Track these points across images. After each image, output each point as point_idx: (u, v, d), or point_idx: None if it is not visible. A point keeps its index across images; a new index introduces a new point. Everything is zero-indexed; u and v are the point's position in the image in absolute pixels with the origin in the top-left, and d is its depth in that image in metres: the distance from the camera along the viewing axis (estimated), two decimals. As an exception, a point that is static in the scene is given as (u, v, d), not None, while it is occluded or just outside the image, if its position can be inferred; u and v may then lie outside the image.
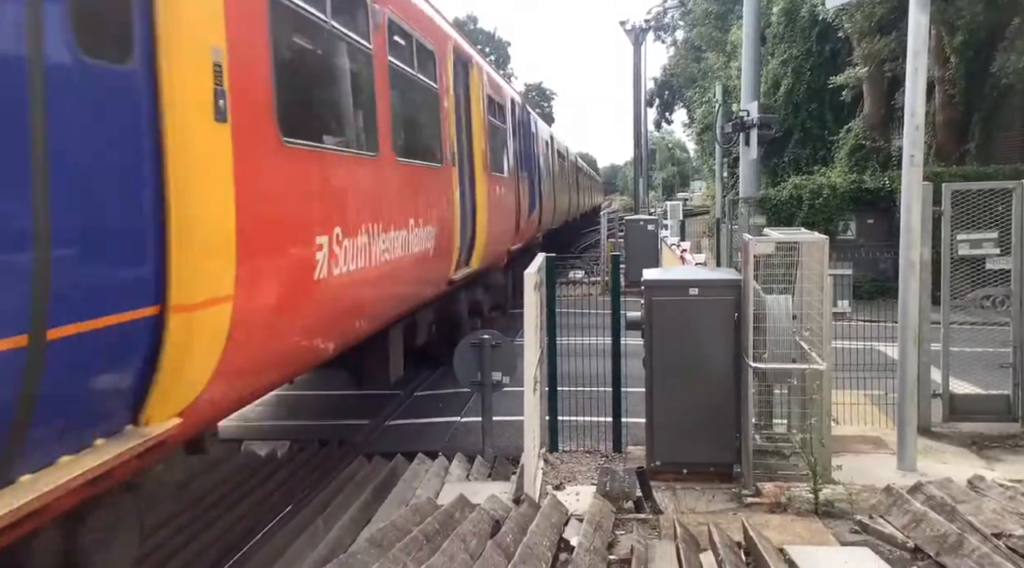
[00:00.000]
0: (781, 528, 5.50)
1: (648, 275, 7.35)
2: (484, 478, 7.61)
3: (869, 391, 8.96)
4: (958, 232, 8.30)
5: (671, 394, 6.88)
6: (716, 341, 6.83)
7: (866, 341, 9.77)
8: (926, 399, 7.90)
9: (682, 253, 20.17)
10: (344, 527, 6.35)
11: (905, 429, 6.93)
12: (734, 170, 24.32)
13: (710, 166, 33.55)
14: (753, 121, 16.04)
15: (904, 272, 7.05)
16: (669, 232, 29.37)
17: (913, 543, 4.96)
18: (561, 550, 5.07)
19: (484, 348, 7.86)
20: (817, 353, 6.51)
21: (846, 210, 18.92)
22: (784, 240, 7.19)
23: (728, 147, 20.98)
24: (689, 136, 50.55)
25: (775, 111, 22.78)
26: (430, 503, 5.90)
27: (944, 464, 7.03)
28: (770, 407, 7.45)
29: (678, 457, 6.88)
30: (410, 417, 10.06)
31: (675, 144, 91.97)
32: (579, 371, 8.42)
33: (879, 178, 19.58)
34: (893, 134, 22.27)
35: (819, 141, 25.75)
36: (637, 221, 22.65)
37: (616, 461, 7.51)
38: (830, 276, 6.68)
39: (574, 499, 6.23)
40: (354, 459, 8.48)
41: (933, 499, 5.53)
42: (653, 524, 5.69)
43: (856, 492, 5.92)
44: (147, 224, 3.79)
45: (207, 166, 4.14)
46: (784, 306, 6.73)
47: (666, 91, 56.23)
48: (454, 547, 4.59)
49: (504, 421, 8.53)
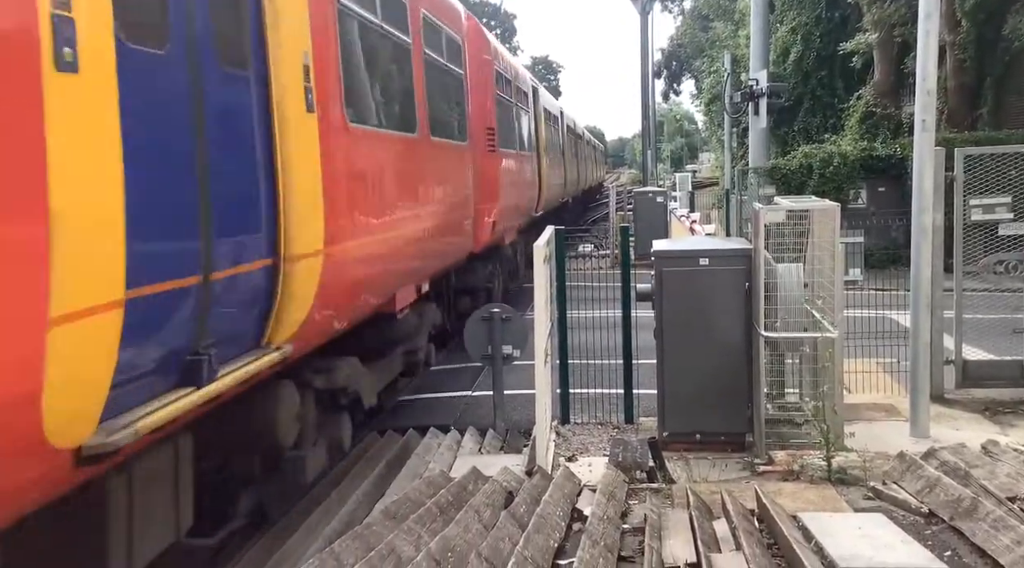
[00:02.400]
0: (794, 496, 5.50)
1: (658, 246, 7.31)
2: (496, 451, 7.64)
3: (881, 359, 8.94)
4: (971, 197, 8.22)
5: (682, 364, 6.88)
6: (727, 311, 6.81)
7: (878, 310, 9.71)
8: (939, 366, 7.87)
9: (691, 224, 20.09)
10: (358, 500, 6.40)
11: (918, 396, 6.92)
12: (743, 140, 24.13)
13: (719, 137, 33.31)
14: (762, 90, 15.88)
15: (916, 238, 6.99)
16: (678, 204, 29.24)
17: (927, 508, 4.96)
18: (575, 520, 5.10)
19: (494, 322, 7.85)
20: (829, 321, 6.48)
21: (857, 178, 18.77)
22: (795, 208, 7.14)
23: (737, 117, 20.83)
24: (697, 107, 50.12)
25: (784, 79, 22.53)
26: (443, 476, 5.93)
27: (957, 430, 7.01)
28: (781, 377, 7.44)
29: (690, 427, 6.88)
30: (422, 392, 10.09)
31: (683, 116, 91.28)
32: (589, 344, 8.41)
33: (890, 145, 19.39)
34: (904, 101, 22.04)
35: (829, 109, 25.50)
36: (646, 193, 22.55)
37: (628, 432, 7.52)
38: (842, 244, 6.64)
39: (586, 470, 6.25)
40: (367, 434, 8.52)
41: (947, 464, 5.52)
42: (666, 493, 5.71)
43: (869, 459, 5.92)
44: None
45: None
46: (795, 275, 6.69)
47: (673, 62, 55.75)
48: (468, 518, 4.62)
49: (515, 394, 8.55)
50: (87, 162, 3.15)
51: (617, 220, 23.25)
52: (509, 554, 4.15)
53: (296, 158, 4.94)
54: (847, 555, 4.31)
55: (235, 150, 4.53)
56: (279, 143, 4.83)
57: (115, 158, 3.30)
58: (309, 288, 5.09)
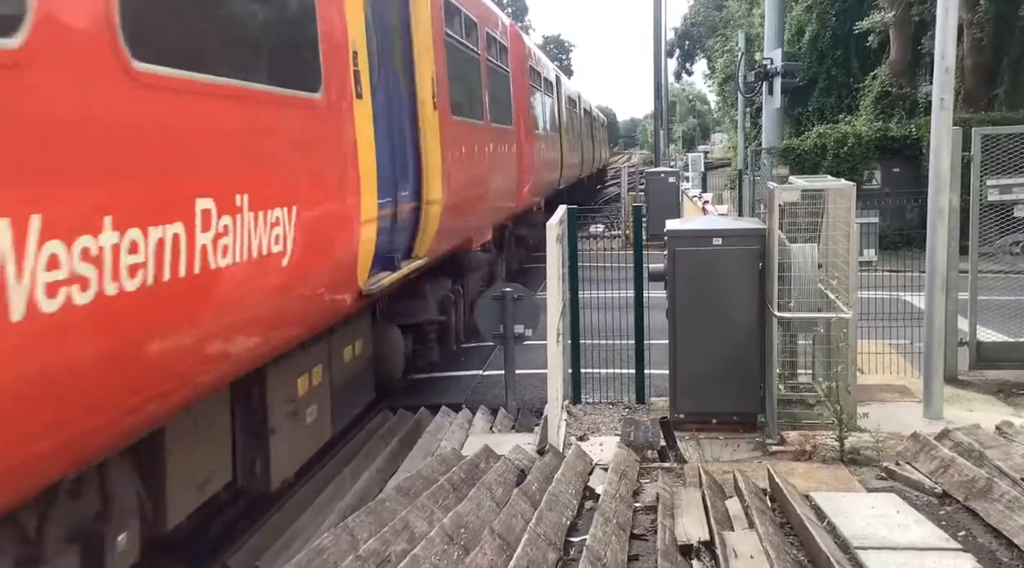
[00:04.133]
0: (806, 475, 5.50)
1: (671, 225, 7.28)
2: (508, 430, 7.65)
3: (894, 341, 8.90)
4: (987, 178, 8.14)
5: (694, 344, 6.86)
6: (740, 291, 6.78)
7: (891, 291, 9.67)
8: (953, 347, 7.83)
9: (704, 205, 20.00)
10: (371, 477, 6.43)
11: (932, 376, 6.88)
12: (756, 120, 23.96)
13: (732, 117, 33.08)
14: (776, 69, 15.73)
15: (932, 218, 6.93)
16: (690, 184, 29.08)
17: (941, 488, 4.94)
18: (586, 498, 5.11)
19: (506, 301, 7.84)
20: (843, 301, 6.45)
21: (871, 159, 18.62)
22: (810, 187, 7.09)
23: (751, 97, 20.64)
24: (710, 87, 49.71)
25: (799, 59, 22.30)
26: (455, 454, 5.94)
27: (971, 411, 6.98)
28: (794, 357, 7.42)
29: (702, 407, 6.87)
30: (433, 371, 10.12)
31: (695, 96, 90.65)
32: (601, 324, 8.40)
33: (905, 126, 19.20)
34: (920, 80, 21.81)
35: (844, 89, 25.25)
36: (658, 174, 22.40)
37: (639, 412, 7.52)
38: (856, 224, 6.59)
39: (598, 449, 6.26)
40: (379, 412, 8.55)
41: (961, 445, 5.49)
42: (678, 473, 5.71)
43: (882, 440, 5.89)
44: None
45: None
46: (809, 255, 6.65)
47: (687, 41, 55.32)
48: (480, 495, 4.64)
49: (527, 374, 8.55)
50: (363, 145, 5.57)
51: (629, 200, 23.14)
52: (522, 531, 4.16)
53: (428, 140, 7.54)
54: (860, 534, 4.31)
55: (406, 137, 7.18)
56: (421, 131, 7.48)
57: (371, 144, 5.75)
58: (434, 223, 7.61)
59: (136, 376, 3.23)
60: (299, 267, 4.50)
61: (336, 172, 5.18)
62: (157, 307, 3.26)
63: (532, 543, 3.99)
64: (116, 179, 3.08)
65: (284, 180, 4.43)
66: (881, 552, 4.11)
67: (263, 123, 4.30)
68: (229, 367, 4.07)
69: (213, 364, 3.89)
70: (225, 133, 3.89)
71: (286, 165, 4.49)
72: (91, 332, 2.92)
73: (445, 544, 3.89)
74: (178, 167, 3.48)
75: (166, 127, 3.40)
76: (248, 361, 4.26)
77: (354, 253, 5.45)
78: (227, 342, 3.96)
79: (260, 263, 4.05)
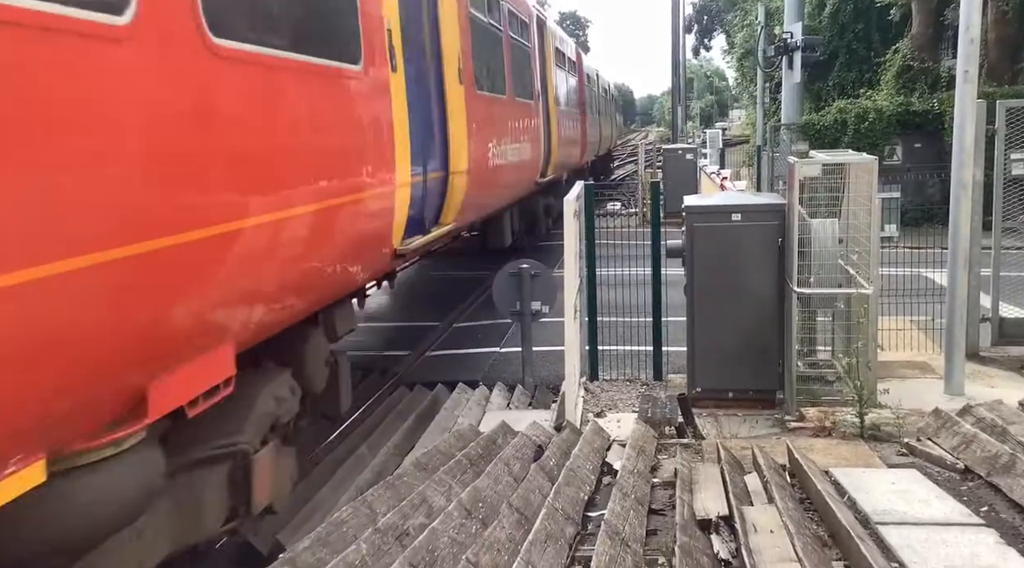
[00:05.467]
0: (826, 451, 5.46)
1: (689, 201, 7.22)
2: (525, 407, 7.66)
3: (915, 317, 8.81)
4: (1012, 151, 8.01)
5: (712, 321, 6.82)
6: (759, 267, 6.72)
7: (912, 267, 9.56)
8: (974, 323, 7.74)
9: (722, 181, 19.84)
10: (388, 453, 6.46)
11: (953, 352, 6.81)
12: (776, 96, 23.65)
13: (750, 93, 32.66)
14: (796, 43, 15.54)
15: (955, 192, 6.83)
16: (708, 161, 28.86)
17: (963, 464, 4.90)
18: (604, 474, 5.10)
19: (523, 277, 7.82)
20: (864, 277, 6.38)
21: (892, 134, 18.37)
22: (831, 162, 7.00)
23: (770, 72, 20.39)
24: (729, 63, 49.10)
25: (819, 33, 21.97)
26: (472, 430, 5.95)
27: (992, 388, 6.91)
28: (813, 333, 7.35)
29: (720, 384, 6.84)
30: (450, 348, 10.14)
31: (713, 72, 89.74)
32: (618, 301, 8.37)
33: (927, 100, 18.90)
34: (943, 54, 21.43)
35: (865, 63, 24.82)
36: (675, 150, 22.23)
37: (657, 389, 7.50)
38: (878, 198, 6.50)
39: (615, 425, 6.25)
40: (396, 388, 8.58)
41: (983, 421, 5.44)
42: (696, 449, 5.69)
43: (903, 416, 5.84)
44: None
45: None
46: (830, 230, 6.58)
47: (704, 16, 54.69)
48: (498, 470, 4.64)
49: (543, 351, 8.55)
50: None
51: (646, 177, 22.99)
52: (540, 505, 4.16)
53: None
54: (880, 510, 4.28)
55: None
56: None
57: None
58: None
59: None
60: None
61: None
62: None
63: (550, 517, 3.99)
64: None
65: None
66: (902, 527, 4.08)
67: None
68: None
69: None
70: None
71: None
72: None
73: (463, 518, 3.90)
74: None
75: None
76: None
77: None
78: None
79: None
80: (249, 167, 3.85)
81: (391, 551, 3.56)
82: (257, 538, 5.16)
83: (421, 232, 7.06)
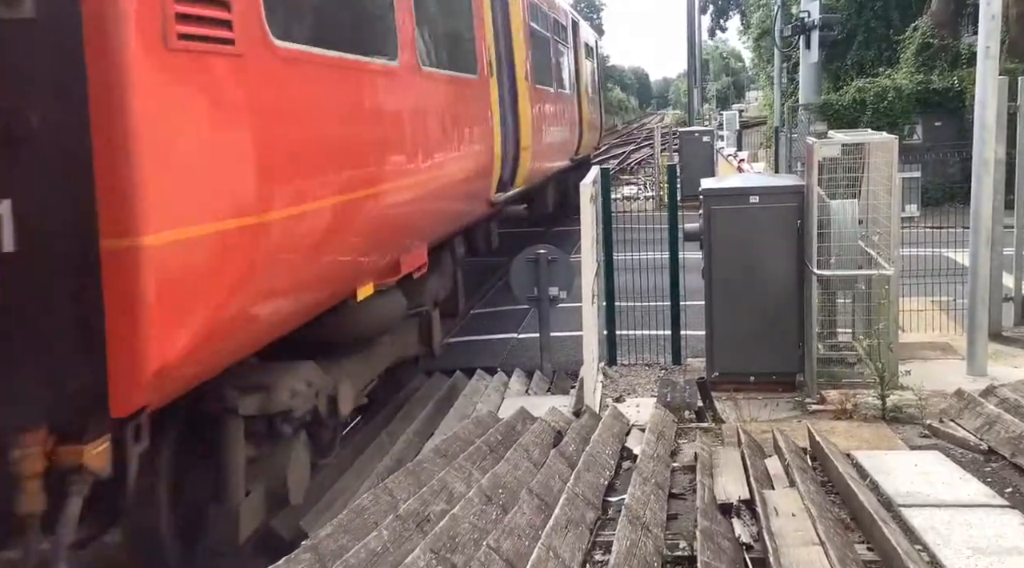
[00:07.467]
0: (847, 434, 5.43)
1: (707, 184, 7.17)
2: (543, 392, 7.66)
3: (936, 298, 8.73)
4: (1034, 128, 7.89)
5: (731, 304, 6.78)
6: (778, 249, 6.67)
7: (933, 247, 9.46)
8: (997, 303, 7.67)
9: (739, 163, 19.70)
10: (408, 440, 6.49)
11: (976, 332, 6.74)
12: (793, 76, 23.39)
13: (767, 74, 32.33)
14: (814, 22, 15.37)
15: (977, 171, 6.74)
16: (725, 143, 28.64)
17: (987, 445, 4.85)
18: (624, 458, 5.09)
19: (541, 263, 7.80)
20: (885, 258, 6.32)
21: (912, 113, 18.16)
22: (851, 141, 6.92)
23: (787, 52, 20.18)
24: (745, 43, 48.60)
25: (837, 11, 21.69)
26: (491, 416, 5.96)
27: (1015, 368, 6.84)
28: (833, 316, 7.30)
29: (739, 367, 6.82)
30: (468, 334, 10.14)
31: (729, 54, 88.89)
32: (636, 286, 8.34)
33: (947, 78, 18.67)
34: (962, 30, 21.11)
35: (884, 41, 24.46)
36: (692, 133, 22.06)
37: (675, 373, 7.49)
38: (899, 178, 6.43)
39: (635, 410, 6.23)
40: (415, 375, 8.60)
41: (1007, 401, 5.38)
42: (716, 433, 5.67)
43: (925, 397, 5.79)
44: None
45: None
46: (850, 211, 6.52)
47: (720, -3, 54.00)
48: (517, 456, 4.64)
49: (561, 336, 8.54)
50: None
51: (663, 161, 22.86)
52: (560, 491, 4.16)
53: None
54: (903, 492, 4.25)
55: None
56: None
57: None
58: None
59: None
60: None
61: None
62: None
63: (570, 502, 3.99)
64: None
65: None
66: (925, 509, 4.05)
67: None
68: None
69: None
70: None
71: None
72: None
73: (483, 504, 3.90)
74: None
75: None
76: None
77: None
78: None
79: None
80: (444, 146, 6.58)
81: (412, 537, 3.58)
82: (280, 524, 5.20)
83: (503, 191, 9.33)
